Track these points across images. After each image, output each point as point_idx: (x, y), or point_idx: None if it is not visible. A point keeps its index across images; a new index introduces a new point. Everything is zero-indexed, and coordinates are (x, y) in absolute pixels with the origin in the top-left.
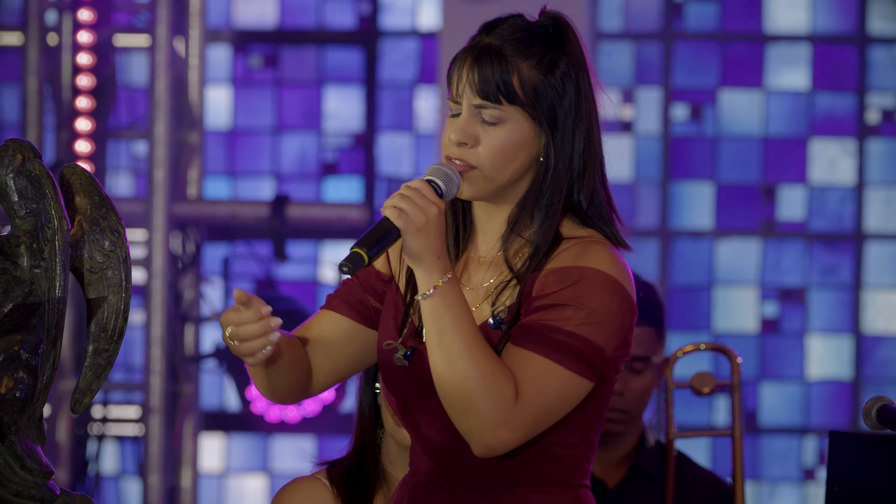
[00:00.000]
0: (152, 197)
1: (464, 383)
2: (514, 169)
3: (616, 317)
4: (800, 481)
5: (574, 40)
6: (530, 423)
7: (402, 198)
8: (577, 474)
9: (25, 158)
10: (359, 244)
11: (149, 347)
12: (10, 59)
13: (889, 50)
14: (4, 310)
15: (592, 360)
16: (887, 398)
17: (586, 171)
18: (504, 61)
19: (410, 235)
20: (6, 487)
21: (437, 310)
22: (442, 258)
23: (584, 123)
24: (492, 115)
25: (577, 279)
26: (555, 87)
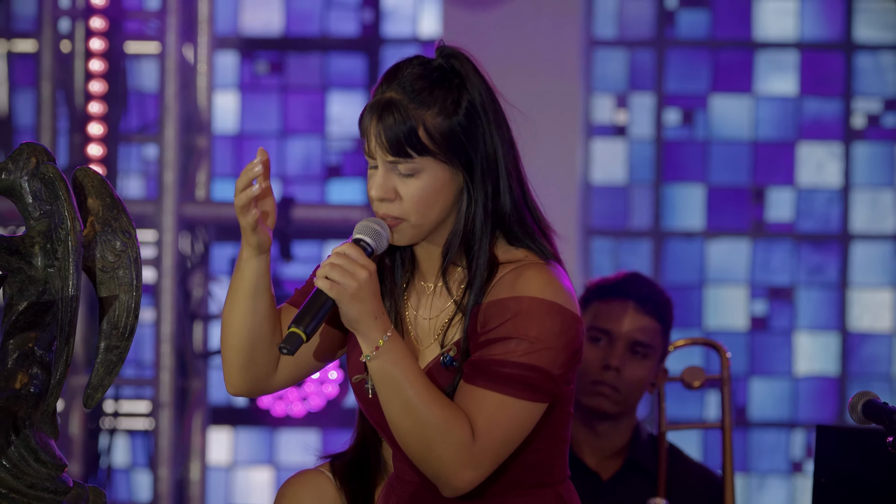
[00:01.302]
0: (162, 199)
1: (421, 433)
2: (439, 211)
3: (557, 338)
4: (788, 474)
5: (472, 72)
6: (491, 458)
7: (333, 267)
8: (554, 473)
9: (39, 161)
10: (295, 322)
11: (159, 344)
12: (24, 66)
13: (874, 57)
14: (19, 308)
15: (541, 385)
16: (872, 393)
17: (505, 194)
18: (408, 116)
19: (345, 304)
20: (21, 479)
21: (384, 368)
22: (379, 318)
23: (495, 150)
24: (407, 168)
25: (516, 311)
26: (461, 125)
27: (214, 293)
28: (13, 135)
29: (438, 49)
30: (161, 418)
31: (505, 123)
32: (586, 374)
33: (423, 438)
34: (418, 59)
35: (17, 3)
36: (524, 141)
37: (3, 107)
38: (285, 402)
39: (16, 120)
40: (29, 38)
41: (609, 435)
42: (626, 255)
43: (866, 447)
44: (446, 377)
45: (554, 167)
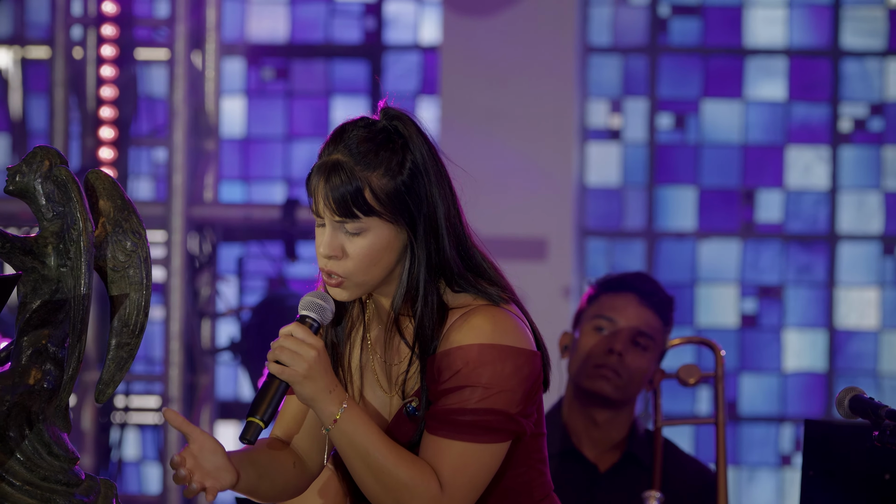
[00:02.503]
0: (171, 200)
1: (390, 492)
2: (383, 268)
3: (510, 379)
4: (777, 466)
5: (415, 132)
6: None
7: (282, 350)
8: (535, 493)
9: (52, 164)
10: (252, 412)
11: (168, 341)
12: (38, 72)
13: (860, 63)
14: (33, 306)
15: (500, 426)
16: (859, 389)
17: (450, 245)
18: (354, 177)
19: (298, 385)
20: (35, 472)
21: (345, 436)
22: (334, 391)
23: (437, 205)
24: (353, 227)
25: (466, 360)
26: (405, 185)
27: (222, 292)
28: (27, 138)
29: (383, 111)
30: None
31: (447, 180)
32: (590, 358)
33: (393, 497)
34: (363, 121)
35: (31, 11)
36: (521, 145)
37: (17, 111)
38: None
39: (30, 124)
40: (42, 45)
41: (608, 426)
42: (621, 256)
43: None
44: (411, 427)
45: (550, 170)
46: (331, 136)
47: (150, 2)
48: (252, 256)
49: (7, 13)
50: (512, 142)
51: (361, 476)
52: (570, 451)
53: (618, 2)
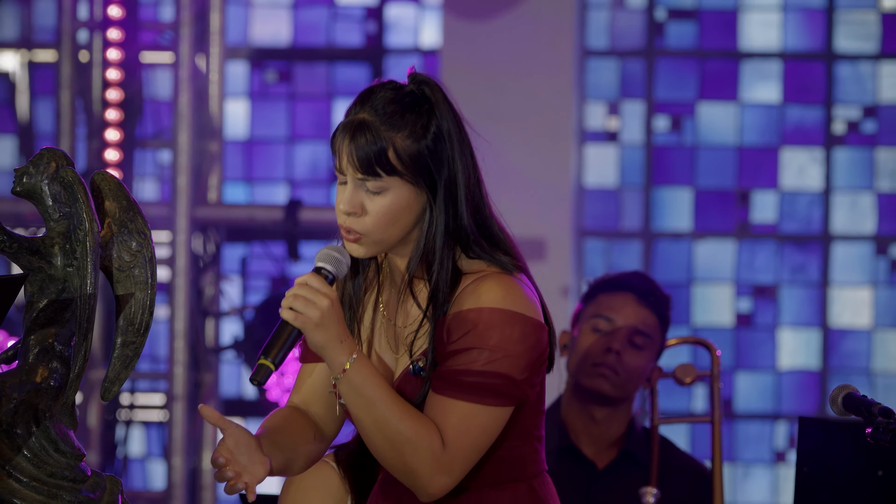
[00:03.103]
0: (176, 201)
1: (394, 446)
2: (401, 228)
3: (517, 344)
4: (772, 463)
5: (441, 99)
6: (462, 463)
7: (296, 297)
8: (528, 468)
9: (59, 166)
10: (263, 354)
11: (172, 340)
12: (45, 75)
13: (854, 66)
14: (39, 305)
15: (504, 391)
16: (852, 387)
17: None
18: (379, 137)
19: (310, 332)
20: (42, 469)
21: (353, 387)
22: (345, 342)
23: (459, 172)
24: (374, 186)
25: (476, 322)
26: (428, 148)
27: (225, 291)
28: (34, 140)
29: (411, 76)
30: (175, 410)
31: (469, 149)
32: (588, 357)
33: (396, 451)
34: (391, 84)
35: (38, 15)
36: (520, 147)
37: (24, 114)
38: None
39: (36, 126)
40: (49, 49)
41: (606, 424)
42: (618, 256)
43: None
44: (416, 385)
45: (549, 171)
46: (358, 96)
47: (155, 6)
48: (255, 256)
49: (14, 17)
50: (511, 143)
51: (366, 429)
52: (569, 449)
53: (615, 6)
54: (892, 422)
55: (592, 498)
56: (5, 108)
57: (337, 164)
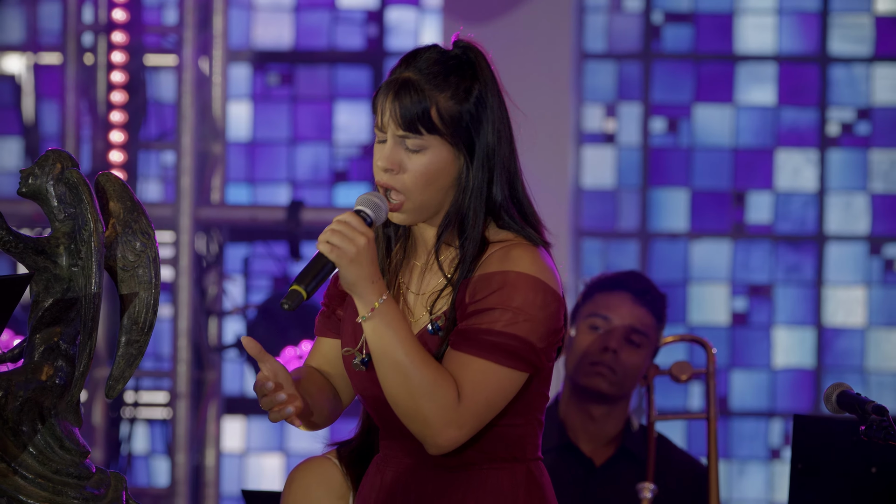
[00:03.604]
0: (179, 202)
1: (409, 392)
2: (436, 190)
3: (540, 310)
4: (767, 460)
5: (485, 66)
6: (474, 419)
7: (333, 232)
8: (527, 450)
9: (64, 167)
10: (297, 281)
11: (176, 338)
12: (50, 77)
13: (848, 69)
14: (45, 304)
15: (523, 354)
16: (846, 385)
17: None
18: (422, 95)
19: (344, 266)
20: (47, 465)
21: (378, 329)
22: (376, 282)
23: (497, 141)
24: (414, 144)
25: (502, 284)
26: (470, 112)
27: (228, 290)
28: (40, 142)
29: (455, 42)
30: (178, 408)
31: (507, 120)
32: (585, 357)
33: (412, 397)
34: (436, 48)
35: (44, 18)
36: (519, 149)
37: (30, 115)
38: None
39: (42, 128)
40: (54, 52)
41: (604, 421)
42: (615, 256)
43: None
44: (433, 344)
45: (547, 172)
46: (402, 58)
47: (158, 9)
48: (258, 256)
49: (20, 20)
50: None
51: (385, 375)
52: (567, 446)
53: (612, 9)
54: (886, 419)
55: (590, 494)
56: (11, 111)
57: (378, 122)
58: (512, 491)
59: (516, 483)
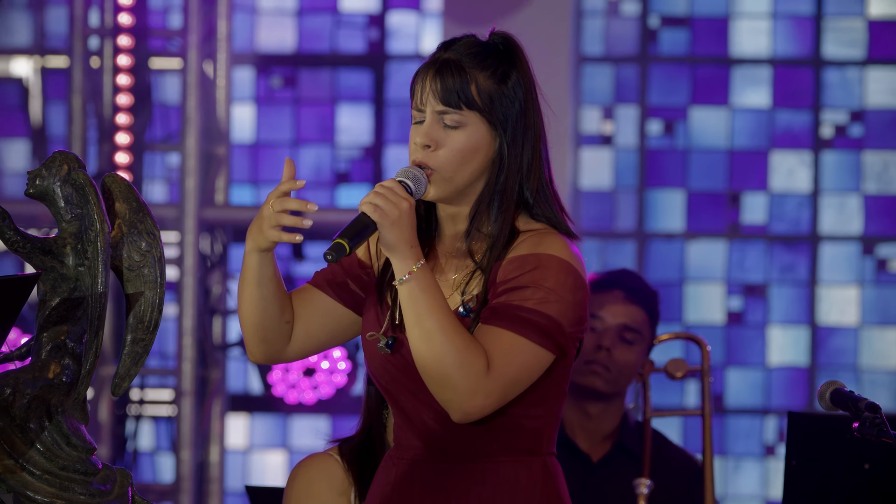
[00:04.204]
0: (184, 203)
1: (440, 358)
2: (472, 170)
3: (570, 293)
4: (761, 457)
5: (522, 57)
6: (501, 390)
7: (377, 195)
8: (543, 444)
9: (71, 168)
10: (341, 235)
11: (181, 337)
12: (57, 80)
13: (841, 72)
14: (52, 303)
15: (552, 333)
16: (839, 382)
17: (533, 171)
18: (463, 72)
19: (385, 228)
20: (54, 462)
21: (413, 293)
22: (415, 247)
23: (531, 130)
24: (453, 120)
25: (536, 265)
26: (507, 95)
27: (232, 290)
28: (47, 144)
29: (493, 32)
30: (183, 405)
31: (539, 113)
32: (581, 355)
33: (442, 363)
34: (474, 36)
35: (51, 22)
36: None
37: (37, 118)
38: (298, 390)
39: (49, 130)
40: (61, 55)
41: (600, 418)
42: (613, 255)
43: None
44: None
45: None
46: (441, 44)
47: (163, 13)
48: None
49: (27, 24)
50: None
51: (416, 338)
52: (564, 442)
53: (610, 14)
54: (878, 417)
55: (588, 490)
56: (19, 113)
57: (416, 102)
58: (529, 484)
59: (533, 477)
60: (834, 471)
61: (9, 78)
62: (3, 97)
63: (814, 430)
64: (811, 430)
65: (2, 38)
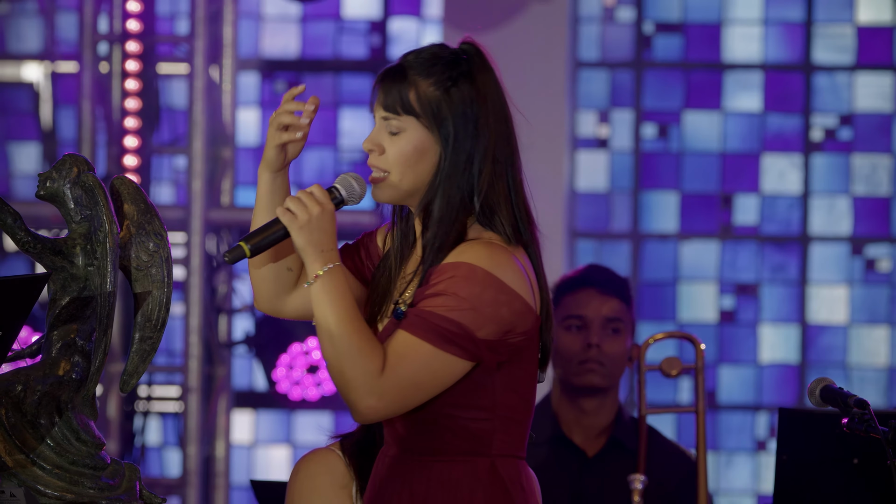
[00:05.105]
0: (191, 204)
1: (337, 357)
2: (417, 174)
3: (486, 305)
4: (753, 452)
5: (481, 65)
6: (395, 392)
7: (293, 199)
8: (493, 446)
9: (80, 171)
10: (245, 238)
11: (187, 335)
12: (67, 85)
13: (831, 77)
14: (62, 303)
15: (457, 340)
16: (829, 379)
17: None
18: (404, 79)
19: (294, 231)
20: (64, 457)
21: (318, 295)
22: (326, 252)
23: (483, 138)
24: (393, 126)
25: (453, 273)
26: (447, 102)
27: (237, 289)
28: (57, 147)
29: (462, 42)
30: (189, 402)
31: (503, 120)
32: (573, 357)
33: (339, 363)
34: (440, 44)
35: (61, 28)
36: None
37: (48, 122)
38: (301, 387)
39: (59, 133)
40: (71, 61)
41: (596, 413)
42: (608, 256)
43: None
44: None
45: (543, 176)
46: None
47: (171, 20)
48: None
49: (38, 30)
50: None
51: (320, 338)
52: (560, 438)
53: (605, 20)
54: (867, 413)
55: (583, 484)
56: (30, 117)
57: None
58: (468, 484)
59: (475, 477)
60: (823, 465)
61: (20, 83)
62: (15, 101)
63: (804, 426)
64: (801, 426)
65: (13, 44)
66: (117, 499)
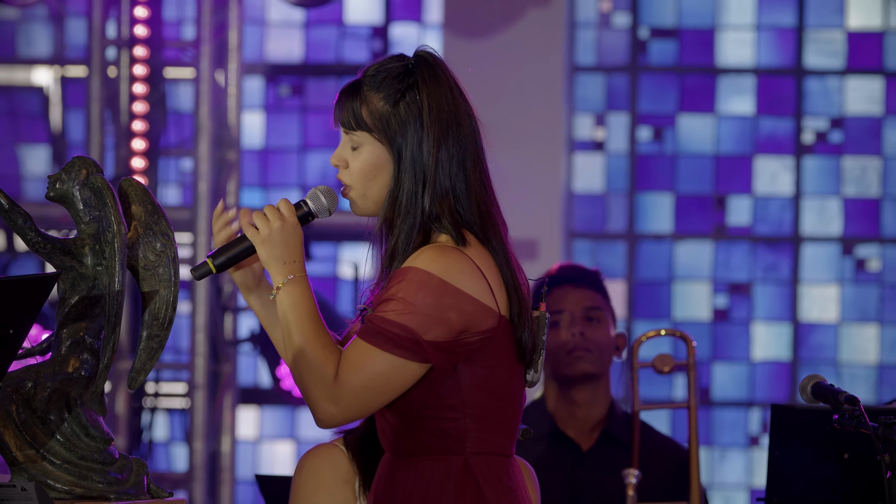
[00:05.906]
0: (197, 206)
1: (296, 363)
2: (379, 187)
3: (431, 308)
4: (746, 447)
5: (430, 74)
6: (351, 398)
7: (258, 214)
8: (468, 444)
9: (89, 173)
10: (211, 255)
11: (194, 333)
12: (76, 89)
13: (822, 81)
14: (71, 301)
15: (404, 343)
16: (820, 377)
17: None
18: (359, 95)
19: (257, 245)
20: (73, 452)
21: (282, 306)
22: (288, 264)
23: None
24: (352, 141)
25: (401, 277)
26: (396, 116)
27: None
28: (66, 149)
29: (416, 51)
30: (196, 398)
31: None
32: (560, 349)
33: (297, 370)
34: (397, 56)
35: (70, 34)
36: (514, 155)
37: (57, 125)
38: None
39: (69, 136)
40: (80, 65)
41: (589, 405)
42: (604, 256)
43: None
44: None
45: (540, 178)
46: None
47: (177, 25)
48: None
49: (48, 35)
50: (506, 152)
51: (284, 344)
52: (555, 433)
53: (602, 25)
54: (857, 409)
55: (578, 478)
56: (39, 120)
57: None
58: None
59: (448, 475)
60: (815, 460)
61: (30, 87)
62: (25, 105)
63: (796, 422)
64: (793, 422)
65: (24, 49)
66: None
